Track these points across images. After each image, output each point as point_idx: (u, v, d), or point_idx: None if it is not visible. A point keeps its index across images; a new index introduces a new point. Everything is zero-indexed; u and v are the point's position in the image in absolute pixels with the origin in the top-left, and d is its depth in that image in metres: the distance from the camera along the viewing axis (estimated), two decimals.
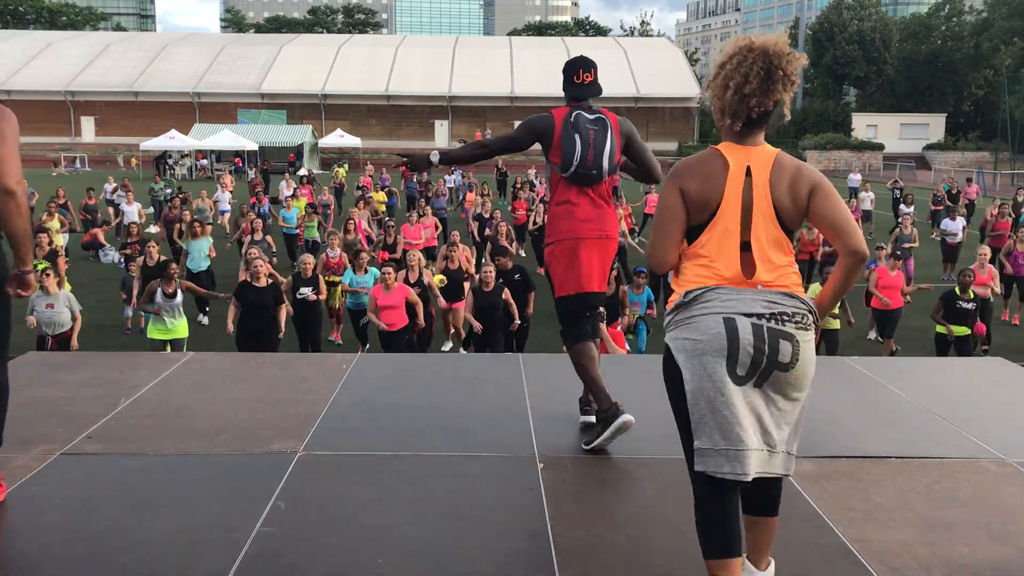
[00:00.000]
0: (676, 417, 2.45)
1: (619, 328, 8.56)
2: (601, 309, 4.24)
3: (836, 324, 9.15)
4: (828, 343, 9.08)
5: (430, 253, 13.55)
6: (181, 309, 8.43)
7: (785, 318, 2.28)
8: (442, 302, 9.73)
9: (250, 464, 3.60)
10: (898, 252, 10.50)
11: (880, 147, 54.62)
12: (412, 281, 9.10)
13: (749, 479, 2.29)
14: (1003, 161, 49.45)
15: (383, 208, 20.72)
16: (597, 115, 3.80)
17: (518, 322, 8.90)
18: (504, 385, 4.58)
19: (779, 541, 2.98)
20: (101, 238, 17.10)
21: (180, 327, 8.47)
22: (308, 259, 9.32)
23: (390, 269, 8.64)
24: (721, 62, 2.37)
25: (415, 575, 2.76)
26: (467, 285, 9.69)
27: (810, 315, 2.34)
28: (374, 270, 9.67)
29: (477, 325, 8.60)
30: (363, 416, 4.22)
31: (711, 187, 2.35)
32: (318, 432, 3.97)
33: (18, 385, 4.61)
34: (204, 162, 42.92)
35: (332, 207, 20.07)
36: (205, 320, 11.69)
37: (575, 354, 3.83)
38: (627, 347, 8.29)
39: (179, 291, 8.38)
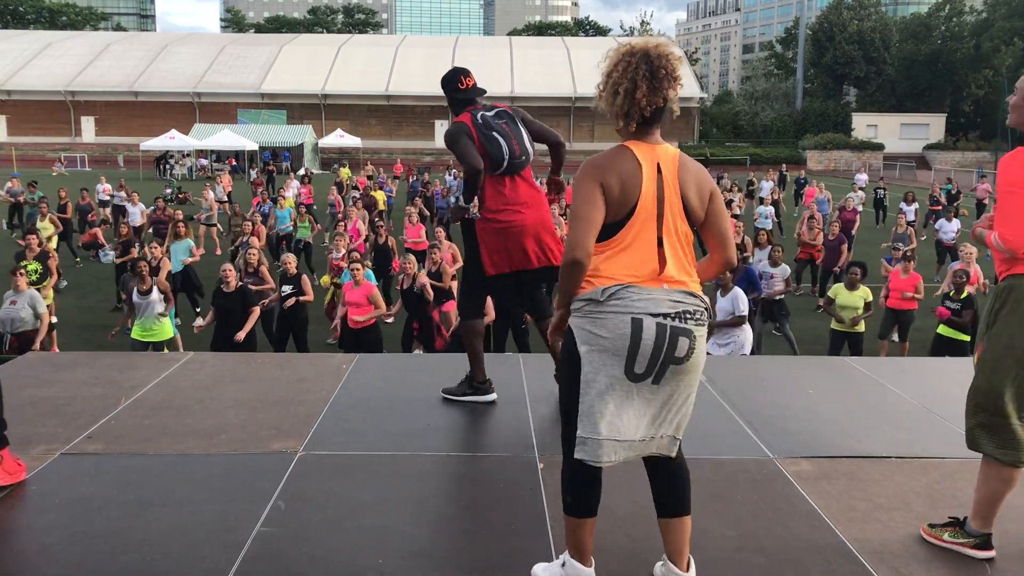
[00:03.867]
0: (562, 394, 2.58)
1: None
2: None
3: (862, 327, 9.15)
4: (852, 346, 9.08)
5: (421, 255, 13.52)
6: (162, 309, 8.30)
7: (687, 315, 2.42)
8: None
9: (250, 464, 3.60)
10: (907, 254, 10.44)
11: (880, 147, 54.64)
12: (406, 287, 9.06)
13: (613, 463, 2.48)
14: None
15: (384, 207, 20.73)
16: (495, 109, 4.10)
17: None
18: (504, 385, 4.58)
19: (779, 541, 2.99)
20: (100, 237, 17.08)
21: (161, 329, 8.35)
22: (289, 258, 9.30)
23: (358, 265, 8.61)
24: (608, 71, 2.47)
25: (415, 575, 2.76)
26: (454, 284, 9.56)
27: (707, 311, 2.49)
28: (369, 271, 9.65)
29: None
30: (363, 416, 4.22)
31: (629, 184, 2.43)
32: (318, 432, 3.97)
33: (18, 385, 4.61)
34: (204, 162, 42.95)
35: (339, 207, 20.05)
36: (201, 322, 11.69)
37: (471, 327, 4.25)
38: None
39: (155, 289, 8.27)
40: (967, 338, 8.81)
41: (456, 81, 4.16)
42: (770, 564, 2.84)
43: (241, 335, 8.02)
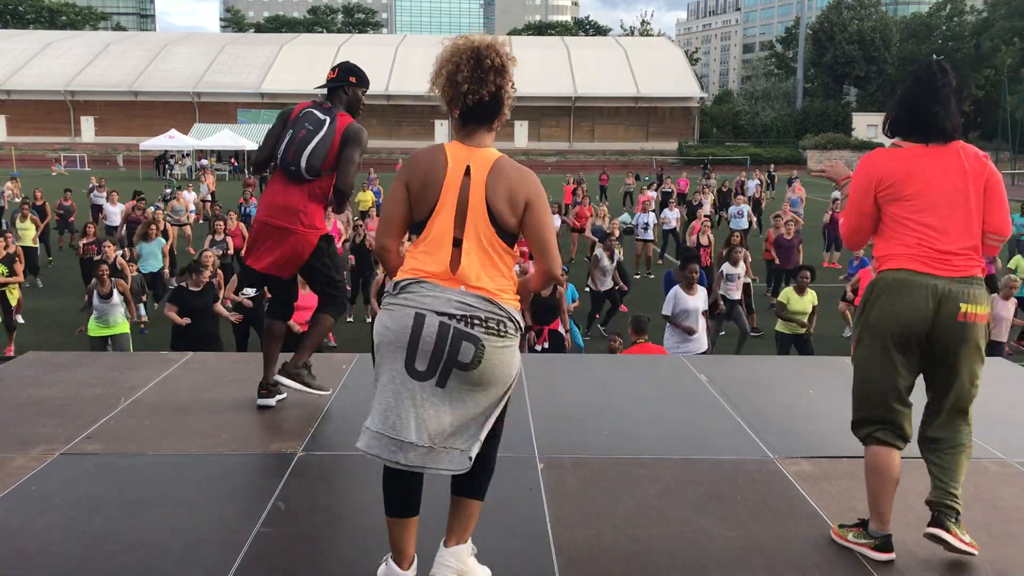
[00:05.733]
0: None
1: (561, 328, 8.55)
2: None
3: (802, 330, 9.14)
4: (800, 349, 9.06)
5: None
6: (123, 310, 8.59)
7: (476, 322, 2.36)
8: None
9: (250, 464, 3.60)
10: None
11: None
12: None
13: (399, 467, 2.43)
14: (1004, 161, 49.48)
15: (372, 207, 20.71)
16: (326, 116, 4.00)
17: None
18: None
19: (779, 540, 2.99)
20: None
21: (119, 323, 8.62)
22: None
23: None
24: (437, 59, 2.50)
25: (415, 575, 2.76)
26: None
27: (509, 322, 2.42)
28: None
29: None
30: (363, 416, 4.19)
31: (431, 183, 2.46)
32: (318, 432, 3.97)
33: (18, 385, 4.61)
34: (204, 162, 42.96)
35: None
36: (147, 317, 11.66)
37: (269, 328, 4.32)
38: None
39: (115, 292, 8.52)
40: None
41: (330, 71, 4.19)
42: (770, 564, 2.84)
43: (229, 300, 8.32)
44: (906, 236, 2.81)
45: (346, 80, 4.15)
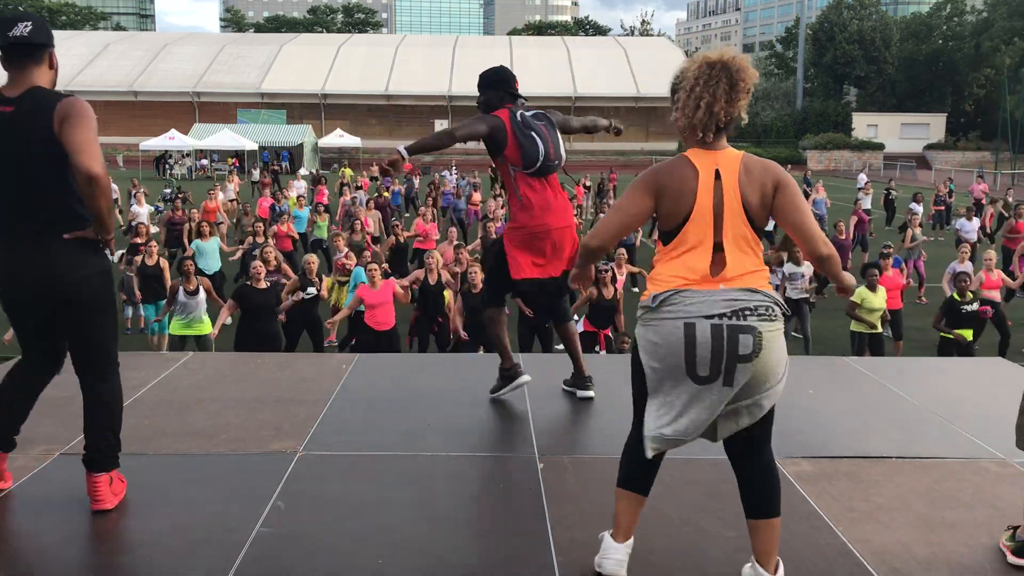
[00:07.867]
0: (634, 399, 2.65)
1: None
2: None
3: (879, 328, 9.23)
4: (874, 348, 9.13)
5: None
6: (204, 307, 8.43)
7: (747, 312, 2.41)
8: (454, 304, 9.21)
9: (250, 464, 3.60)
10: (885, 251, 10.51)
11: (880, 147, 54.62)
12: (431, 283, 8.98)
13: (681, 443, 2.52)
14: (1004, 161, 49.46)
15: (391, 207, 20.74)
16: (535, 111, 4.17)
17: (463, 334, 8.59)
18: None
19: (779, 541, 2.98)
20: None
21: (204, 323, 8.46)
22: (312, 259, 9.24)
23: (375, 265, 8.48)
24: (691, 85, 2.51)
25: (415, 575, 2.76)
26: (447, 294, 9.28)
27: (776, 307, 2.46)
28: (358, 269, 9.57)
29: (463, 335, 8.48)
30: (363, 416, 4.22)
31: (684, 192, 2.50)
32: (318, 432, 3.97)
33: None
34: (204, 162, 42.96)
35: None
36: (227, 320, 11.65)
37: (496, 315, 4.41)
38: None
39: (200, 288, 8.38)
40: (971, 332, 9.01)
41: (513, 81, 4.24)
42: None
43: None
44: None
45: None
